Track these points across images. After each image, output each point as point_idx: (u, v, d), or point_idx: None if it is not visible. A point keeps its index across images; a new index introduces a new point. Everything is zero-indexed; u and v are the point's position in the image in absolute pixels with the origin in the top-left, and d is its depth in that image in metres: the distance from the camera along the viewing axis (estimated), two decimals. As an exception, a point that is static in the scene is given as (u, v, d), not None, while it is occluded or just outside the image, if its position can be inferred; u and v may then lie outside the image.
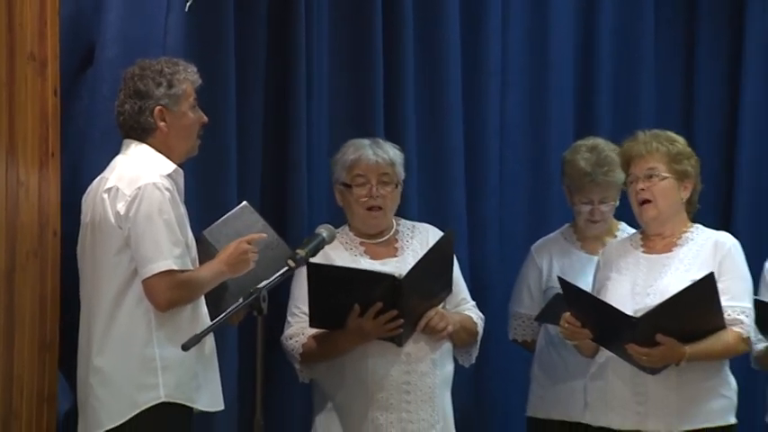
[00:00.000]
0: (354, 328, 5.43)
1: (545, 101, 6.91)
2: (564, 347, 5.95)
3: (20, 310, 5.10)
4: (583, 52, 7.08)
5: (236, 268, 5.07)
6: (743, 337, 5.50)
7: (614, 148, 5.99)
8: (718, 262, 5.52)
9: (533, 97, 6.90)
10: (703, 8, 7.45)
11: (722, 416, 5.57)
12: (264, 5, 5.96)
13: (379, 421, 5.53)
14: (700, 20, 7.46)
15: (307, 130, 6.02)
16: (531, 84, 6.90)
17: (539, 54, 6.92)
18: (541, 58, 6.92)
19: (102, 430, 4.99)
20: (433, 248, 5.51)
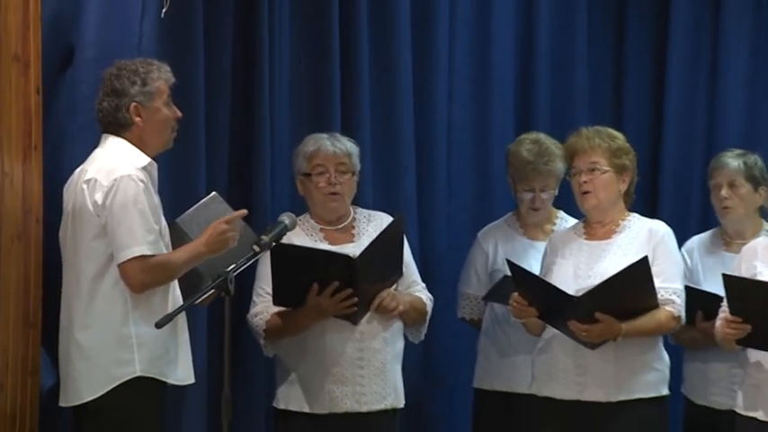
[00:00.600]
0: (313, 305, 5.45)
1: (488, 100, 6.89)
2: (508, 325, 5.97)
3: (5, 290, 5.09)
4: (522, 56, 7.07)
5: (216, 247, 5.06)
6: (674, 316, 5.56)
7: (554, 141, 6.06)
8: (653, 247, 5.55)
9: (478, 97, 6.87)
10: (631, 10, 7.45)
11: (655, 387, 5.60)
12: (230, 11, 5.92)
13: (335, 393, 5.56)
14: (628, 22, 7.47)
15: (270, 125, 6.00)
16: (475, 85, 6.87)
17: (482, 57, 6.89)
18: (485, 61, 6.88)
19: (82, 402, 5.01)
20: (384, 231, 5.54)
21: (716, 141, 7.17)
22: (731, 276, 5.39)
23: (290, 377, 5.65)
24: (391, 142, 6.47)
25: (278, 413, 5.69)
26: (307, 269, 5.45)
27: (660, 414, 5.66)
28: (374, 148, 6.38)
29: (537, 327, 5.67)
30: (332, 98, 6.22)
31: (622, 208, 5.70)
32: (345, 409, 5.58)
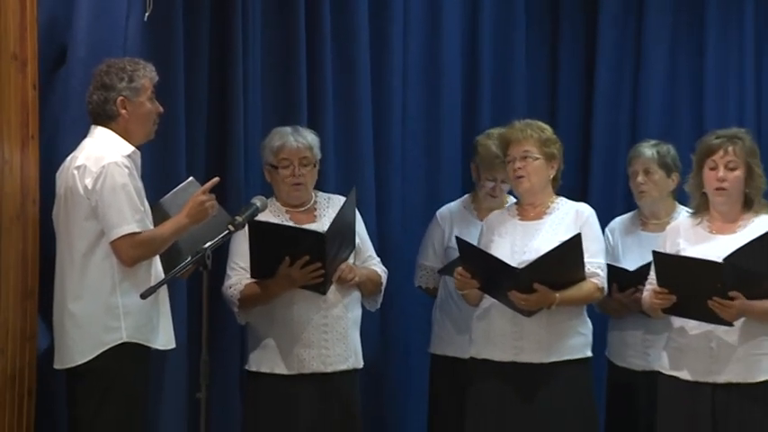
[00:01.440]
0: (284, 275, 5.46)
1: (438, 96, 6.85)
2: (460, 298, 5.96)
3: (5, 264, 5.09)
4: (467, 54, 7.01)
5: (197, 217, 5.09)
6: (599, 287, 5.61)
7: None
8: (579, 227, 5.59)
9: (428, 91, 6.84)
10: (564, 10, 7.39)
11: (581, 350, 5.66)
12: (207, 15, 5.88)
13: (302, 356, 5.59)
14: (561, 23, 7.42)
15: (243, 118, 5.98)
16: (426, 82, 6.84)
17: (432, 55, 6.85)
18: (435, 59, 6.85)
19: (74, 364, 5.02)
20: (342, 208, 5.54)
21: (638, 132, 7.14)
22: (660, 253, 5.44)
23: (261, 343, 5.65)
24: (351, 133, 6.42)
25: (250, 375, 5.69)
26: (280, 244, 5.45)
27: (585, 373, 5.69)
28: (336, 138, 6.34)
29: (476, 298, 5.69)
30: (299, 93, 6.18)
31: (551, 192, 5.74)
32: (312, 369, 5.60)
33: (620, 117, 7.38)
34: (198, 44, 5.83)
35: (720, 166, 5.44)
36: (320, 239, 5.40)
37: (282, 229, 5.53)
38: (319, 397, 5.64)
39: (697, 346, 5.43)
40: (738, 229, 5.44)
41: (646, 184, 6.07)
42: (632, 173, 6.13)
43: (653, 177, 6.05)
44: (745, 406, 5.37)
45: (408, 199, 6.70)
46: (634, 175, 6.11)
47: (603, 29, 7.39)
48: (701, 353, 5.41)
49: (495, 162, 6.03)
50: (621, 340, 6.13)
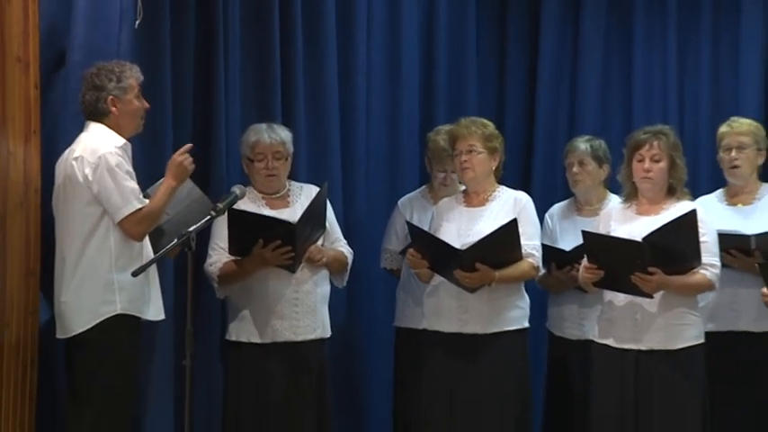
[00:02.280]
0: (258, 256, 5.52)
1: (398, 96, 6.84)
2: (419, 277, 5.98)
3: (10, 246, 5.11)
4: (425, 59, 7.01)
5: (181, 176, 5.13)
6: (534, 266, 5.68)
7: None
8: (517, 212, 5.63)
9: (390, 93, 6.82)
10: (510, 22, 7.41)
11: (519, 321, 5.72)
12: (192, 22, 5.85)
13: (275, 327, 5.65)
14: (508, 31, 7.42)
15: (225, 114, 5.97)
16: (388, 83, 6.82)
17: (393, 61, 6.84)
18: (395, 64, 6.84)
19: (74, 333, 5.07)
20: (313, 200, 5.58)
21: (576, 128, 7.11)
22: (588, 232, 5.49)
23: (239, 315, 5.70)
24: (321, 128, 6.41)
25: (229, 344, 5.74)
26: (255, 229, 5.50)
27: (522, 342, 5.75)
28: (307, 133, 6.32)
29: (427, 276, 5.74)
30: (273, 92, 6.17)
31: (493, 181, 5.78)
32: (284, 338, 5.65)
33: (559, 114, 7.36)
34: (183, 49, 5.80)
35: (647, 158, 5.48)
36: (291, 228, 5.45)
37: (258, 217, 5.55)
38: (290, 363, 5.67)
39: (623, 317, 5.49)
40: (661, 212, 5.49)
41: (580, 174, 6.09)
42: (568, 164, 6.15)
43: (587, 168, 6.08)
44: (665, 370, 5.43)
45: (372, 188, 6.68)
46: (570, 166, 6.13)
47: (545, 36, 7.37)
48: (627, 322, 5.47)
49: (443, 155, 6.08)
50: (559, 313, 6.17)
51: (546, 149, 7.27)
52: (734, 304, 5.84)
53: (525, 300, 5.77)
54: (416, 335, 5.98)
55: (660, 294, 5.39)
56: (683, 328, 5.45)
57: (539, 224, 5.83)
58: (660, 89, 7.30)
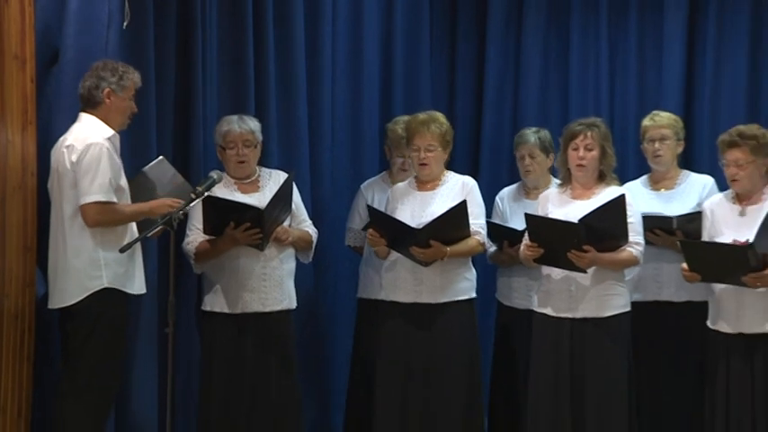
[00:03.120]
0: (230, 236, 5.56)
1: (360, 90, 6.87)
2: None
3: (9, 224, 5.14)
4: (384, 59, 7.06)
5: (157, 213, 5.10)
6: (480, 243, 5.74)
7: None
8: (465, 195, 5.68)
9: (352, 87, 6.85)
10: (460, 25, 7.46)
11: (467, 292, 5.79)
12: (173, 25, 5.84)
13: (245, 299, 5.69)
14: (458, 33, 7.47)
15: (202, 108, 5.97)
16: (351, 78, 6.85)
17: (356, 59, 6.87)
18: (357, 62, 6.87)
19: (65, 305, 5.11)
20: (281, 186, 5.60)
21: (519, 120, 7.21)
22: (530, 214, 5.56)
23: (213, 288, 5.75)
24: (290, 118, 6.42)
25: (205, 314, 5.78)
26: (227, 213, 5.53)
27: (471, 310, 5.81)
28: (278, 123, 6.34)
29: (384, 252, 5.78)
30: (247, 89, 6.18)
31: (443, 168, 5.82)
32: (253, 309, 5.70)
33: (504, 106, 7.39)
34: (165, 48, 5.80)
35: (581, 147, 5.54)
36: (259, 213, 5.49)
37: (229, 202, 5.56)
38: (259, 332, 5.72)
39: (559, 289, 5.57)
40: (593, 197, 5.54)
41: (531, 165, 6.13)
42: (520, 156, 6.17)
43: (536, 160, 6.12)
44: (596, 335, 5.52)
45: (336, 173, 6.71)
46: (522, 158, 6.15)
47: (491, 35, 7.40)
48: (563, 294, 5.56)
49: (401, 143, 6.10)
50: (509, 285, 6.23)
51: (492, 138, 7.31)
52: (657, 277, 5.91)
53: (473, 272, 5.83)
54: (376, 305, 6.01)
55: (592, 269, 5.47)
56: (612, 298, 5.53)
57: (483, 205, 5.85)
58: (593, 85, 7.30)
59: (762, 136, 5.39)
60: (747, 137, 5.37)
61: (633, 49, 7.27)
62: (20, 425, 5.22)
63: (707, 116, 7.01)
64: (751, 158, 5.35)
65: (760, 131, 5.42)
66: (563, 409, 5.54)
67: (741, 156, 5.35)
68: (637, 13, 7.26)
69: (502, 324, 6.37)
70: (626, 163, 6.50)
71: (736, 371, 5.35)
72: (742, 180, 5.38)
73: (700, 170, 6.16)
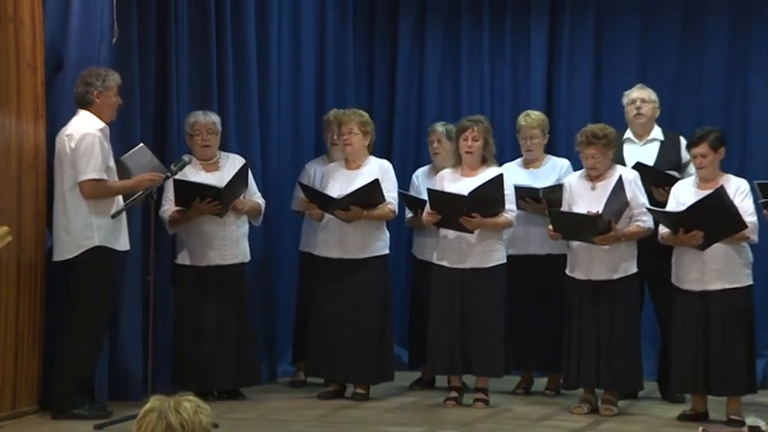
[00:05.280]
0: (196, 208, 5.62)
1: (300, 88, 6.85)
2: None
3: (25, 196, 5.23)
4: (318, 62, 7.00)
5: (141, 187, 5.15)
6: (392, 210, 5.81)
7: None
8: (381, 174, 5.78)
9: (294, 86, 6.82)
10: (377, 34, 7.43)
11: (382, 249, 5.85)
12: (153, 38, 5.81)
13: (209, 254, 5.75)
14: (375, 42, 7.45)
15: (176, 104, 5.94)
16: (293, 79, 6.80)
17: (297, 63, 6.82)
18: (298, 65, 6.83)
19: (65, 258, 5.19)
20: (238, 171, 5.66)
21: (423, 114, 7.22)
22: (430, 189, 5.72)
23: (184, 246, 5.80)
24: (246, 113, 6.37)
25: (177, 266, 5.81)
26: (193, 191, 5.59)
27: (386, 264, 5.90)
28: (235, 116, 6.30)
29: (318, 216, 5.91)
30: (211, 87, 6.13)
31: (366, 153, 5.91)
32: (216, 262, 5.76)
33: (411, 105, 7.42)
34: (146, 58, 5.79)
35: (469, 138, 5.68)
36: (218, 191, 5.56)
37: (195, 184, 5.59)
38: (220, 280, 5.76)
39: (453, 246, 5.70)
40: (478, 175, 5.67)
41: (439, 149, 6.17)
42: (430, 141, 6.23)
43: (443, 145, 6.14)
44: (481, 281, 5.67)
45: (281, 155, 6.65)
46: (431, 143, 6.21)
47: (401, 48, 7.42)
48: (456, 250, 5.69)
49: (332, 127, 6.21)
50: (422, 243, 6.27)
51: (402, 130, 7.38)
52: (527, 236, 6.00)
53: (386, 234, 5.90)
54: (312, 258, 6.04)
55: (478, 231, 5.61)
56: (493, 253, 5.68)
57: (396, 181, 5.89)
58: (478, 87, 7.28)
59: (609, 135, 5.53)
60: (599, 137, 5.49)
61: (508, 56, 7.25)
62: (33, 351, 5.30)
63: (563, 111, 7.05)
64: (602, 152, 5.50)
65: (607, 131, 5.56)
66: (455, 338, 5.66)
67: (595, 152, 5.49)
68: (510, 26, 7.24)
69: (415, 274, 6.39)
70: (504, 149, 6.44)
71: (586, 308, 5.49)
72: (597, 167, 5.53)
73: (558, 154, 6.25)
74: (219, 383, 5.81)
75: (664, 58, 6.95)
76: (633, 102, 5.99)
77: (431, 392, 6.08)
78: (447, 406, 5.69)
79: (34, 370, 5.29)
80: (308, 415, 5.45)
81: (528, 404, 5.85)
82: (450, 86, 7.36)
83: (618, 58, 7.04)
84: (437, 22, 7.36)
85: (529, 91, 7.15)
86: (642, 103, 5.97)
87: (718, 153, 5.34)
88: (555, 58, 7.14)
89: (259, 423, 5.18)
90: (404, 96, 7.42)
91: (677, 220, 5.25)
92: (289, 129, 6.80)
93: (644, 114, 5.96)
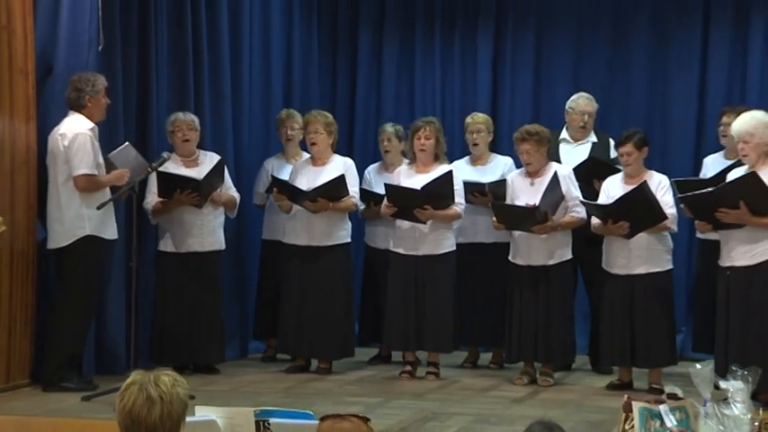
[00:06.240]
0: (177, 199, 5.61)
1: (269, 93, 6.77)
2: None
3: (17, 189, 5.21)
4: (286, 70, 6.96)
5: (119, 182, 5.17)
6: (354, 203, 5.78)
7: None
8: (345, 170, 5.76)
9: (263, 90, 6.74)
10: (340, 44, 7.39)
11: (344, 238, 5.86)
12: (135, 45, 5.76)
13: (188, 242, 5.74)
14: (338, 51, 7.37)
15: (156, 106, 5.88)
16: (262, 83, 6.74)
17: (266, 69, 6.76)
18: (267, 71, 6.77)
19: (59, 246, 5.18)
20: (214, 166, 5.68)
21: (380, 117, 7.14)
22: (387, 184, 5.70)
23: (165, 234, 5.78)
24: (220, 115, 6.34)
25: (159, 253, 5.79)
26: (175, 183, 5.60)
27: (347, 251, 5.90)
28: (211, 118, 6.27)
29: (287, 207, 5.84)
30: (188, 91, 6.11)
31: (330, 152, 5.88)
32: (194, 249, 5.74)
33: (369, 107, 7.37)
34: (129, 64, 5.76)
35: (422, 137, 5.67)
36: (197, 183, 5.57)
37: (176, 176, 5.61)
38: (197, 265, 5.75)
39: (407, 235, 5.71)
40: (431, 171, 5.67)
41: (389, 147, 6.16)
42: (381, 140, 6.22)
43: (392, 143, 6.14)
44: (433, 266, 5.66)
45: (253, 154, 6.59)
46: (382, 142, 6.20)
47: (361, 56, 7.38)
48: (410, 238, 5.70)
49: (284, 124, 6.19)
50: (374, 232, 6.27)
51: (362, 130, 7.34)
52: (474, 225, 5.97)
53: (348, 224, 5.89)
54: (280, 245, 5.98)
55: (430, 221, 5.61)
56: (444, 241, 5.69)
57: (358, 177, 5.91)
58: (431, 91, 7.27)
59: (541, 132, 5.56)
60: (532, 134, 5.52)
61: (457, 65, 7.25)
62: (26, 331, 5.29)
63: (507, 114, 7.06)
64: (535, 148, 5.52)
65: (540, 129, 5.58)
66: (409, 317, 5.67)
67: (529, 147, 5.50)
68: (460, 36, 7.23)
69: (367, 260, 6.40)
70: (453, 148, 6.43)
71: (526, 291, 5.52)
72: (533, 163, 5.55)
73: (502, 153, 6.25)
74: (196, 359, 5.80)
75: (595, 66, 7.05)
76: (582, 115, 6.05)
77: (387, 367, 6.09)
78: (402, 378, 5.72)
79: (27, 347, 5.28)
80: (276, 387, 5.46)
81: (474, 376, 5.89)
82: (406, 91, 7.39)
83: (555, 67, 7.10)
84: (393, 33, 7.36)
85: (476, 95, 7.19)
86: (589, 118, 6.07)
87: (641, 152, 5.40)
88: (499, 67, 7.21)
89: (232, 395, 5.18)
90: (363, 99, 7.43)
91: (606, 212, 5.31)
92: (259, 129, 6.76)
93: (587, 128, 6.08)
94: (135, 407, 2.34)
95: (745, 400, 3.32)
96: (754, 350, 4.79)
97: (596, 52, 7.05)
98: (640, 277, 5.33)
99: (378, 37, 7.38)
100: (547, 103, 6.94)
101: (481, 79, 7.20)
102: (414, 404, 4.98)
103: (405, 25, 7.37)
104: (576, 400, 5.16)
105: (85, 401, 4.93)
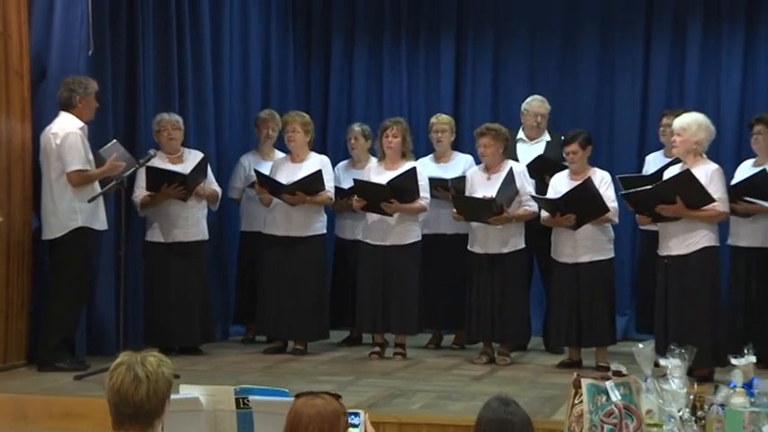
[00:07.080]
0: (164, 192, 5.58)
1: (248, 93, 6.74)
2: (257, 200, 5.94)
3: (14, 183, 5.19)
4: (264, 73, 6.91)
5: (112, 172, 5.11)
6: (329, 197, 5.74)
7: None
8: (322, 167, 5.71)
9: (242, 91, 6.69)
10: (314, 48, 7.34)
11: (320, 229, 5.81)
12: (123, 50, 5.74)
13: (174, 233, 5.70)
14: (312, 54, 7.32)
15: (143, 106, 5.87)
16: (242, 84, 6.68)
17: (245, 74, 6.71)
18: (246, 73, 6.69)
19: (53, 237, 5.13)
20: (199, 162, 5.65)
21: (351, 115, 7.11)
22: (357, 180, 5.65)
23: (153, 225, 5.74)
24: (203, 115, 6.31)
25: (147, 243, 5.74)
26: (162, 177, 5.56)
27: (323, 242, 5.84)
28: (194, 116, 6.24)
29: (268, 200, 5.76)
30: (173, 92, 6.06)
31: (308, 149, 5.83)
32: (180, 239, 5.70)
33: (341, 108, 7.34)
34: (118, 67, 5.74)
35: (390, 136, 5.66)
36: (183, 177, 5.55)
37: (164, 170, 5.58)
38: (183, 254, 5.71)
39: (376, 227, 5.68)
40: (398, 168, 5.65)
41: (356, 145, 6.10)
42: (348, 139, 6.17)
43: (359, 142, 6.09)
44: (400, 256, 5.65)
45: (233, 151, 6.52)
46: (349, 140, 6.16)
47: (333, 60, 7.34)
48: (378, 230, 5.67)
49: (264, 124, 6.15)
50: (343, 224, 6.19)
51: (335, 130, 7.28)
52: (437, 218, 5.93)
53: (324, 216, 5.86)
54: (259, 236, 5.95)
55: (397, 214, 5.60)
56: (410, 232, 5.68)
57: (333, 173, 5.89)
58: (398, 94, 7.26)
59: (498, 129, 5.59)
60: (490, 129, 5.55)
61: (422, 70, 7.26)
62: (22, 315, 5.28)
63: (468, 115, 7.06)
64: (492, 142, 5.52)
65: (497, 126, 5.63)
66: (377, 302, 5.67)
67: (487, 140, 5.50)
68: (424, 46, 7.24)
69: (338, 250, 6.37)
70: (419, 146, 6.41)
71: (484, 276, 5.54)
72: (488, 156, 5.55)
73: (464, 151, 6.24)
74: (181, 341, 5.76)
75: (547, 71, 7.09)
76: (535, 116, 6.09)
77: (358, 348, 6.07)
78: (371, 359, 5.70)
79: (23, 330, 5.27)
80: (255, 367, 5.45)
81: (438, 356, 5.89)
82: (375, 94, 7.36)
83: (511, 72, 7.13)
84: (364, 41, 7.34)
85: (439, 98, 7.20)
86: (542, 119, 6.11)
87: (586, 150, 5.44)
88: (461, 72, 7.21)
89: (214, 374, 5.15)
90: (336, 101, 7.40)
91: (554, 206, 5.36)
92: (239, 129, 6.70)
93: (541, 128, 6.14)
94: (123, 385, 2.35)
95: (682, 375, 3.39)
96: (689, 331, 4.85)
97: (548, 59, 7.08)
98: (585, 265, 5.36)
99: (349, 44, 7.38)
100: (504, 105, 6.98)
101: (444, 83, 7.23)
102: (382, 382, 4.98)
103: (374, 33, 7.35)
104: (530, 378, 5.19)
105: (78, 380, 4.89)
